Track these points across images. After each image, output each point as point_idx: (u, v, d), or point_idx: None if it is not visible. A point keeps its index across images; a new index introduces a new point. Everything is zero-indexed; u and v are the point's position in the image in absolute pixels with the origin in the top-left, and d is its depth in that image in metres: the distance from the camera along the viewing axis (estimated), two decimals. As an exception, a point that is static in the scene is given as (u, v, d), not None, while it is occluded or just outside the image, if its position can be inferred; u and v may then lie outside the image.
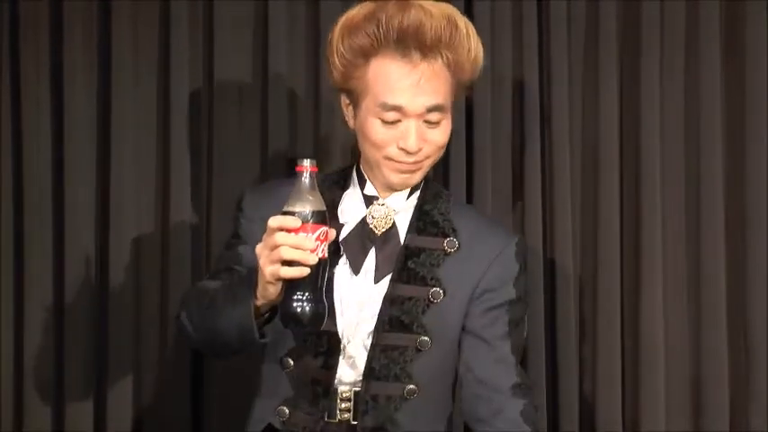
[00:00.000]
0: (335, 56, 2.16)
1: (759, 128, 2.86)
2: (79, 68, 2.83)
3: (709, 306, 2.86)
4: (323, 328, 2.00)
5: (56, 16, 2.82)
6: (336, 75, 2.18)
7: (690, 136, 2.89)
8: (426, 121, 2.14)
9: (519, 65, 2.87)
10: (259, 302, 2.00)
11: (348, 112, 2.21)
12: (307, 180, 1.96)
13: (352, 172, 2.27)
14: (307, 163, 1.95)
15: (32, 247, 2.84)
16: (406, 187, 2.23)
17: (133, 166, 2.85)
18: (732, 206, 2.88)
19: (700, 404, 2.88)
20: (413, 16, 2.10)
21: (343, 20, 2.16)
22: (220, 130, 2.86)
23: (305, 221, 1.93)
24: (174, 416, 2.84)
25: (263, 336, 2.04)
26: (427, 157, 2.18)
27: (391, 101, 2.12)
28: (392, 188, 2.22)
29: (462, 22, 2.16)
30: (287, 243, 1.92)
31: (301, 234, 1.93)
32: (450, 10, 2.16)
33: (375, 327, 2.18)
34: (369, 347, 2.18)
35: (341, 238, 2.20)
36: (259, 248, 1.96)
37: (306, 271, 1.93)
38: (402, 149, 2.14)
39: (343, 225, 2.21)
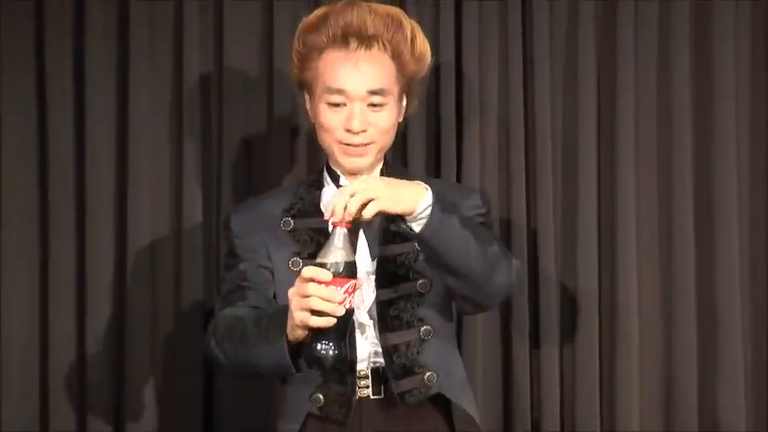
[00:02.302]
0: (294, 53, 2.30)
1: (726, 114, 2.93)
2: (99, 68, 2.88)
3: (680, 282, 2.93)
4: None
5: (79, 19, 2.87)
6: (295, 69, 2.31)
7: (662, 121, 2.95)
8: (370, 105, 2.24)
9: (504, 58, 2.93)
10: (289, 338, 2.07)
11: (309, 110, 2.32)
12: (340, 234, 1.98)
13: (323, 173, 2.36)
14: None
15: (57, 235, 2.88)
16: (360, 171, 2.28)
17: (149, 155, 2.89)
18: (700, 184, 2.94)
19: (670, 381, 2.94)
20: (356, 14, 2.23)
21: (302, 23, 2.30)
22: (229, 121, 2.90)
23: (336, 275, 1.96)
24: (187, 408, 2.88)
25: (298, 369, 2.11)
26: (373, 141, 2.26)
27: (334, 84, 2.23)
28: (354, 173, 2.28)
29: (407, 21, 2.28)
30: (317, 295, 1.97)
31: (331, 287, 1.96)
32: (396, 11, 2.29)
33: (375, 287, 2.25)
34: (375, 305, 2.25)
35: (330, 230, 2.22)
36: (291, 293, 2.02)
37: (333, 321, 1.98)
38: (348, 131, 2.24)
39: (328, 220, 2.25)
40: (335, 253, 1.98)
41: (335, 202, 2.01)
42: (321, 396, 2.26)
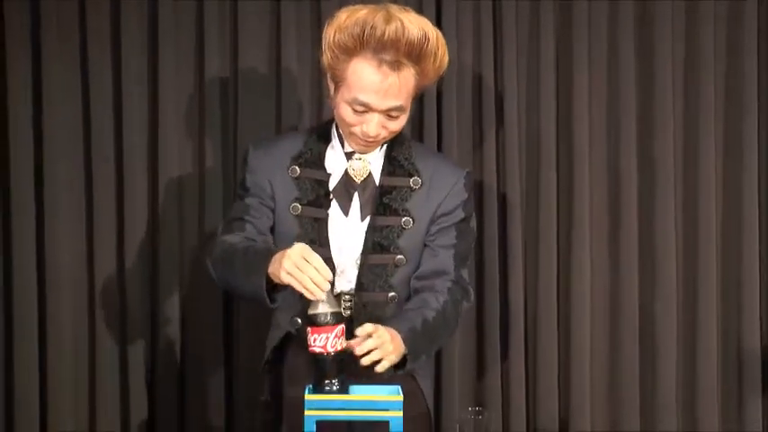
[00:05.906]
0: (327, 47, 2.37)
1: (665, 107, 3.11)
2: (134, 70, 3.07)
3: (625, 225, 3.13)
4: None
5: (116, 35, 3.05)
6: (325, 61, 2.39)
7: (611, 112, 3.15)
8: (387, 115, 2.38)
9: (477, 54, 3.11)
10: (270, 277, 2.26)
11: (330, 87, 2.43)
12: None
13: (332, 129, 2.49)
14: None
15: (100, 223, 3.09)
16: (366, 152, 2.47)
17: (176, 143, 3.09)
18: (643, 158, 3.13)
19: (616, 298, 3.16)
20: (392, 30, 2.29)
21: (337, 18, 2.35)
22: (243, 115, 3.08)
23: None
24: (209, 317, 3.08)
25: (273, 301, 2.31)
26: (384, 138, 2.44)
27: (362, 99, 2.35)
28: (362, 152, 2.46)
29: (434, 34, 2.35)
30: (311, 276, 2.19)
31: (320, 276, 2.19)
32: (425, 24, 2.34)
33: (362, 251, 2.44)
34: (358, 267, 2.44)
35: (330, 188, 2.45)
36: (293, 254, 2.20)
37: (315, 296, 2.20)
38: (364, 132, 2.40)
39: (330, 174, 2.46)
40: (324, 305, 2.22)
41: (363, 344, 2.23)
42: (299, 320, 2.47)
